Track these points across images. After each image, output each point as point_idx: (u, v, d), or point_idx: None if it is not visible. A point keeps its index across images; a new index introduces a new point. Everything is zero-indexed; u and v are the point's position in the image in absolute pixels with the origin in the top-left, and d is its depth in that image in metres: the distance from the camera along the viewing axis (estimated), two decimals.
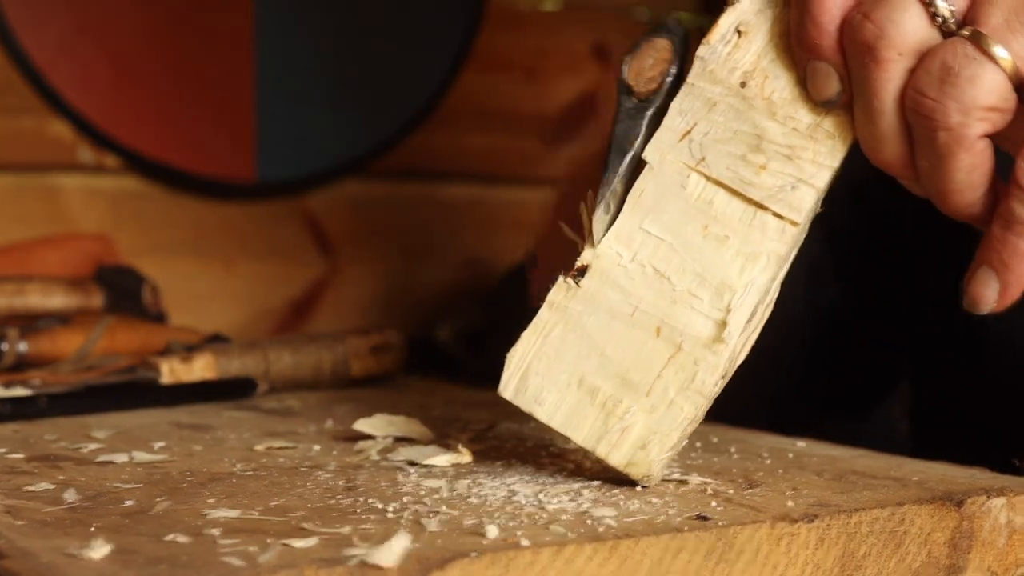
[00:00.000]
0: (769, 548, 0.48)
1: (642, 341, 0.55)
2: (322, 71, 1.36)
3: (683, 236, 0.55)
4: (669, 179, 0.56)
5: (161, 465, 0.58)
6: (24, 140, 1.24)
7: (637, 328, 0.55)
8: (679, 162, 0.56)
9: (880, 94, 0.52)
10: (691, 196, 0.55)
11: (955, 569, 0.52)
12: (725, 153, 0.55)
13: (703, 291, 0.55)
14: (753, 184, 0.55)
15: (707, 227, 0.55)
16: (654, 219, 0.55)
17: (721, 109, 0.55)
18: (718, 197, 0.55)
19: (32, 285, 1.01)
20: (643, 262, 0.55)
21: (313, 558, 0.41)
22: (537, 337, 0.56)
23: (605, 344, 0.55)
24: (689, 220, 0.55)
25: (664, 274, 0.55)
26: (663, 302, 0.55)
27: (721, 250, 0.55)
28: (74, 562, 0.41)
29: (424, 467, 0.58)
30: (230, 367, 0.83)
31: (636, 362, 0.55)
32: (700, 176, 0.55)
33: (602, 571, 0.45)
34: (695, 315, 0.55)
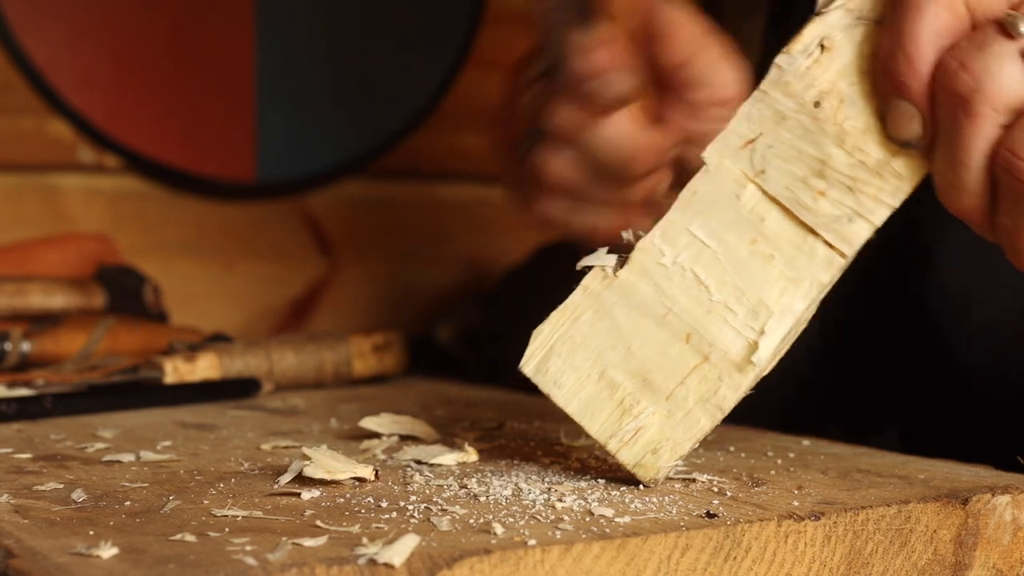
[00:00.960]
0: (776, 545, 0.48)
1: (670, 344, 0.54)
2: (322, 71, 1.36)
3: (729, 246, 0.54)
4: (724, 185, 0.54)
5: (168, 464, 0.59)
6: (24, 140, 1.24)
7: (667, 330, 0.54)
8: (737, 170, 0.54)
9: (968, 148, 0.50)
10: (744, 207, 0.54)
11: (961, 566, 0.52)
12: (786, 171, 0.54)
13: (739, 306, 0.54)
14: (809, 209, 0.54)
15: (755, 242, 0.54)
16: (702, 223, 0.55)
17: (790, 125, 0.54)
18: (771, 214, 0.54)
19: (33, 285, 1.01)
20: (684, 265, 0.55)
21: (322, 557, 0.42)
22: (566, 319, 0.55)
23: (632, 340, 0.55)
24: (738, 231, 0.54)
25: (703, 281, 0.54)
26: (698, 309, 0.54)
27: (765, 268, 0.54)
28: (83, 561, 0.41)
29: (431, 466, 0.58)
30: (233, 367, 0.83)
31: (660, 364, 0.54)
32: (757, 189, 0.54)
33: (610, 569, 0.45)
34: (727, 329, 0.54)
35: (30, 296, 1.00)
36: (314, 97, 1.36)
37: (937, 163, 0.52)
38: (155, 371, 0.80)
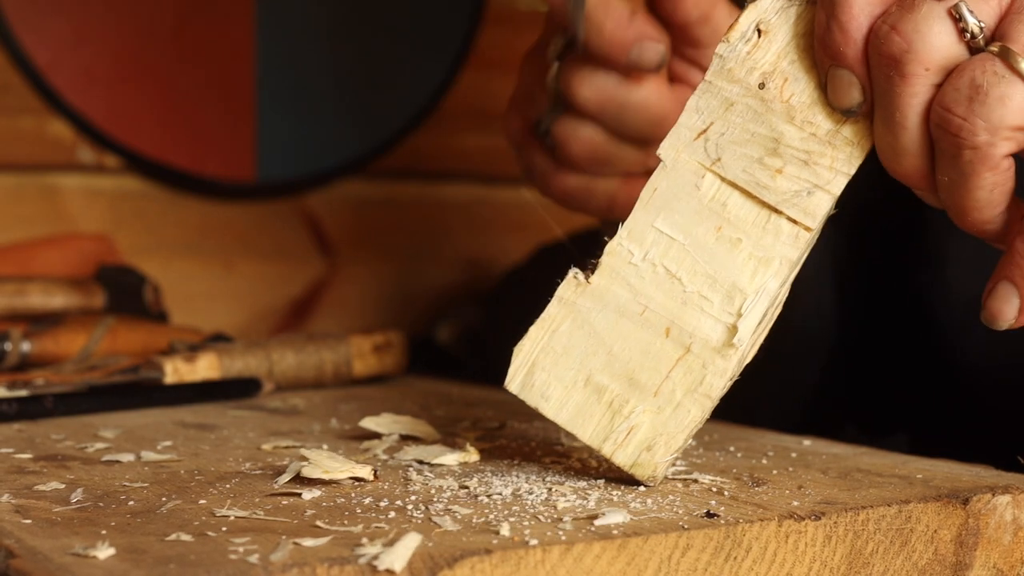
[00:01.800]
0: (777, 545, 0.48)
1: (650, 341, 0.55)
2: (322, 71, 1.36)
3: (695, 237, 0.55)
4: (683, 178, 0.55)
5: (168, 464, 0.59)
6: (24, 140, 1.24)
7: (646, 328, 0.55)
8: (694, 161, 0.55)
9: (904, 108, 0.51)
10: (705, 197, 0.55)
11: (961, 566, 0.52)
12: (741, 155, 0.55)
13: (714, 293, 0.55)
14: (768, 188, 0.54)
15: (720, 229, 0.55)
16: (666, 218, 0.55)
17: (738, 110, 0.55)
18: (732, 199, 0.55)
19: (33, 285, 1.01)
20: (654, 261, 0.55)
21: (323, 557, 0.42)
22: (544, 332, 0.56)
23: (613, 342, 0.55)
24: (702, 221, 0.55)
25: (675, 274, 0.55)
26: (673, 303, 0.55)
27: (733, 253, 0.55)
28: (84, 561, 0.41)
29: (432, 466, 0.58)
30: (233, 367, 0.83)
31: (644, 362, 0.55)
32: (715, 177, 0.55)
33: (611, 569, 0.45)
34: (705, 317, 0.54)
35: (30, 296, 1.00)
36: (314, 97, 1.36)
37: (876, 127, 0.53)
38: (155, 371, 0.80)
